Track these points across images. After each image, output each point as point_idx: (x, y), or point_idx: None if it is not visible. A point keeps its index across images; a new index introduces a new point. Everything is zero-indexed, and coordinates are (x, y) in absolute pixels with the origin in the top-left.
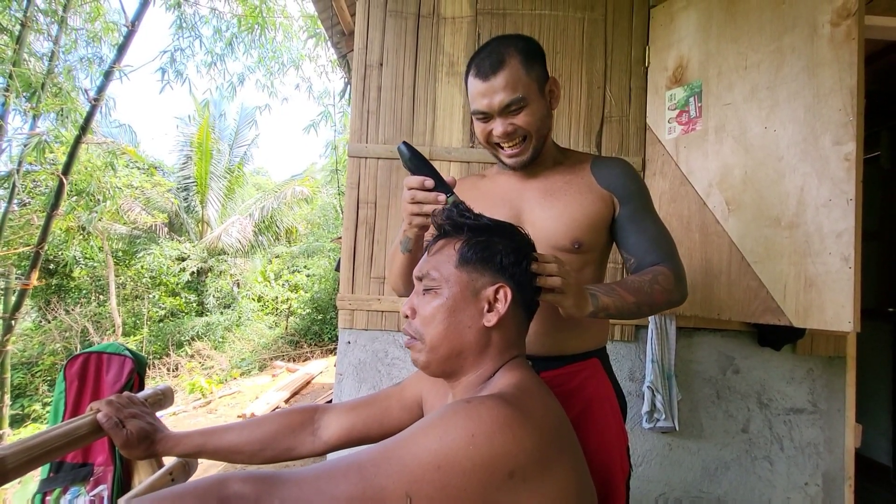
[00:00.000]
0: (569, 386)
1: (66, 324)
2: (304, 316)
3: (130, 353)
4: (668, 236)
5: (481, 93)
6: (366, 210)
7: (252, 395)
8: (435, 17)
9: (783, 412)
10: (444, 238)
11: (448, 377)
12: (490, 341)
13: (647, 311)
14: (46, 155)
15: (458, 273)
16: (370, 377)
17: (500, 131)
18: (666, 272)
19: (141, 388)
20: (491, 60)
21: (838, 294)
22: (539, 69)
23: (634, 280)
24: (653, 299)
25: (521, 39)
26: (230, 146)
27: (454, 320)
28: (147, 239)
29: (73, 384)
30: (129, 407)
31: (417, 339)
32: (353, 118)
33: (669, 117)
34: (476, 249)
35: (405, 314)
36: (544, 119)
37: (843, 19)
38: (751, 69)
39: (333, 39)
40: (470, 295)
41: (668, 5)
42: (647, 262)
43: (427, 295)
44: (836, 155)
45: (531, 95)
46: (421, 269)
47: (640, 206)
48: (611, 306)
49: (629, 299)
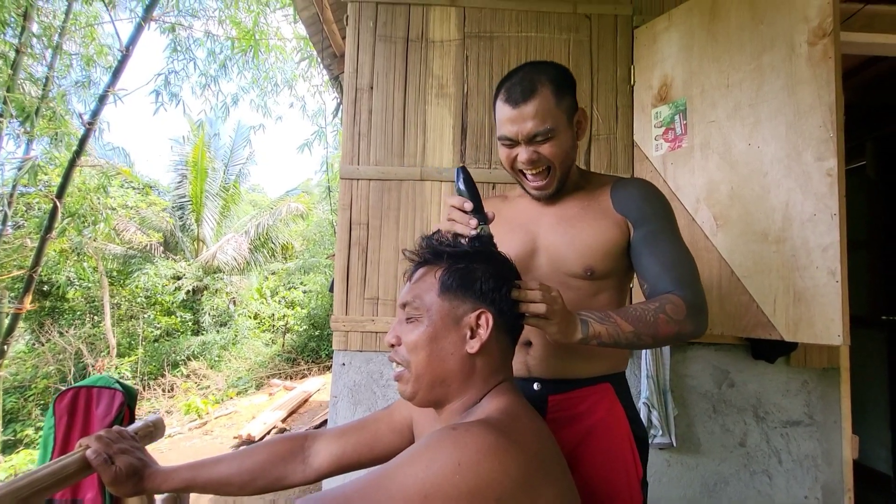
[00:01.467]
0: (575, 410)
1: (60, 346)
2: (300, 333)
3: (120, 386)
4: (688, 261)
5: (510, 119)
6: (358, 231)
7: (248, 414)
8: (423, 41)
9: (780, 425)
10: (426, 265)
11: (434, 406)
12: (474, 368)
13: (650, 342)
14: (40, 177)
15: (440, 301)
16: (365, 399)
17: (525, 158)
18: (676, 301)
19: (131, 420)
20: (522, 87)
21: (827, 308)
22: (569, 100)
23: (638, 308)
24: (656, 330)
25: (553, 68)
26: (225, 164)
27: (437, 348)
28: (142, 258)
29: (62, 419)
30: (118, 442)
31: (405, 366)
32: (344, 141)
33: (656, 134)
34: (456, 276)
35: (390, 343)
36: (570, 151)
37: (820, 39)
38: (733, 87)
39: (325, 61)
40: (451, 322)
41: (650, 26)
42: (661, 289)
43: (410, 324)
44: (819, 170)
45: (559, 126)
46: (403, 297)
47: (655, 228)
48: (604, 334)
49: (626, 328)
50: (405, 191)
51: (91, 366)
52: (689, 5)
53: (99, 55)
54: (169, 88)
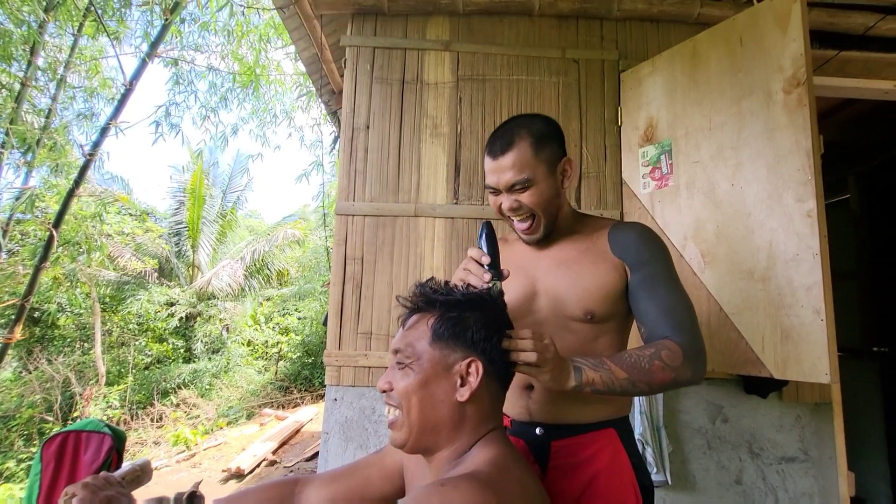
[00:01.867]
0: (578, 457)
1: (48, 374)
2: (294, 360)
3: (110, 430)
4: (686, 306)
5: (491, 170)
6: (353, 266)
7: (238, 446)
8: (419, 84)
9: (775, 461)
10: (419, 313)
11: (425, 453)
12: (465, 416)
13: (645, 389)
14: (37, 204)
15: (431, 350)
16: (357, 436)
17: (507, 206)
18: (673, 347)
19: (119, 464)
20: (501, 141)
21: (814, 346)
22: (550, 151)
23: (633, 354)
24: (651, 377)
25: (537, 121)
26: (223, 191)
27: (427, 395)
28: (136, 285)
29: (49, 465)
30: (105, 489)
31: (400, 408)
32: (340, 178)
33: (643, 173)
34: (448, 325)
35: (382, 389)
36: (552, 198)
37: (795, 87)
38: (715, 130)
39: (324, 97)
40: (442, 370)
41: (635, 71)
42: (658, 334)
43: (401, 370)
44: (799, 212)
45: (538, 176)
46: (395, 344)
47: (652, 272)
48: (598, 381)
49: (620, 375)
50: (399, 227)
51: (79, 394)
52: (672, 52)
53: (102, 88)
54: (169, 119)
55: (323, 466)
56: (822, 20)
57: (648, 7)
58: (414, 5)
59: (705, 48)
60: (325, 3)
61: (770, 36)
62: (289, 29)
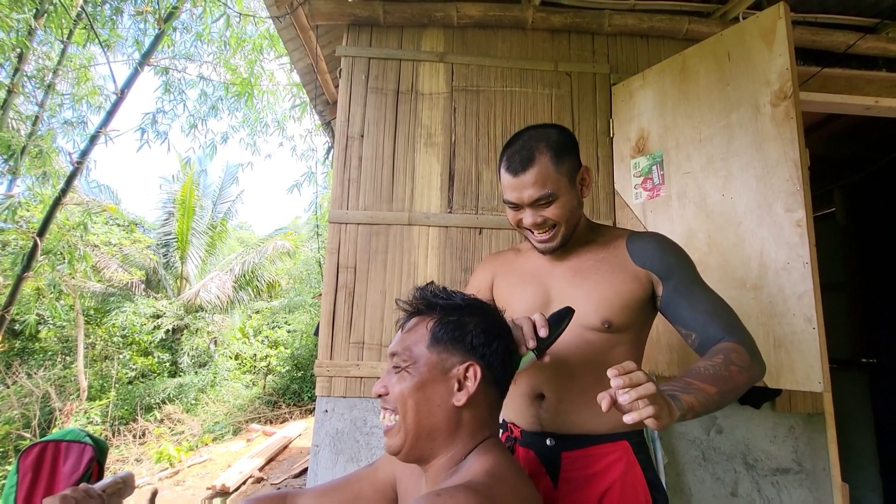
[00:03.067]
0: (590, 470)
1: (27, 388)
2: (283, 374)
3: (91, 440)
4: (726, 305)
5: (511, 187)
6: (345, 275)
7: (224, 462)
8: (413, 94)
9: (770, 473)
10: (418, 316)
11: (420, 462)
12: (461, 421)
13: (731, 398)
14: (21, 213)
15: (429, 353)
16: (348, 448)
17: (530, 222)
18: (737, 347)
19: (100, 476)
20: (521, 157)
21: (806, 355)
22: (570, 162)
23: (707, 366)
24: (735, 383)
25: (554, 132)
26: (213, 203)
27: (423, 398)
28: (122, 296)
29: (26, 476)
30: (85, 501)
31: (396, 412)
32: (334, 186)
33: (635, 183)
34: (447, 329)
35: (378, 393)
36: (574, 209)
37: (782, 101)
38: (705, 142)
39: (318, 108)
40: (439, 374)
41: (626, 84)
42: (710, 335)
43: (398, 374)
44: (789, 221)
45: (561, 190)
46: (393, 347)
47: (685, 278)
48: (696, 404)
49: (710, 391)
50: (393, 235)
51: (58, 410)
52: (662, 67)
53: (91, 95)
54: (156, 127)
55: (313, 480)
56: (806, 38)
57: (638, 23)
58: (409, 17)
59: (694, 62)
60: (322, 14)
61: (757, 51)
62: (284, 39)
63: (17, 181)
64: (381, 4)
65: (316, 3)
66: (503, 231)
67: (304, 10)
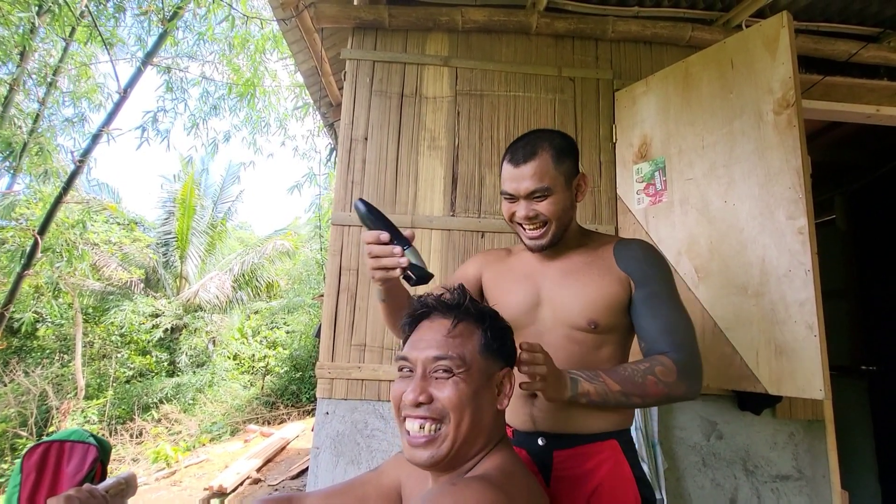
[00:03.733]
0: (581, 469)
1: (24, 387)
2: (281, 375)
3: (95, 440)
4: (685, 324)
5: (511, 177)
6: (348, 277)
7: (221, 463)
8: (417, 97)
9: (769, 479)
10: (462, 322)
11: (451, 467)
12: (497, 423)
13: (638, 402)
14: (21, 211)
15: (480, 359)
16: (348, 450)
17: (523, 214)
18: (667, 363)
19: (103, 476)
20: (525, 151)
21: (807, 362)
22: (569, 165)
23: (628, 368)
24: (645, 390)
25: (557, 136)
26: (214, 202)
27: (478, 405)
28: (121, 295)
29: (29, 476)
30: (88, 502)
31: (444, 422)
32: (337, 188)
33: (638, 189)
34: (497, 336)
35: (419, 401)
36: (567, 209)
37: (784, 109)
38: (708, 149)
39: (321, 109)
40: (486, 380)
41: (630, 90)
42: (656, 350)
43: (446, 380)
44: (791, 228)
45: (557, 187)
46: (437, 350)
47: (656, 289)
48: (592, 392)
49: (614, 387)
50: None
51: (55, 408)
52: (665, 73)
53: (92, 93)
54: (157, 126)
55: (313, 482)
56: (808, 46)
57: (642, 29)
58: (414, 21)
59: (697, 69)
60: (327, 17)
61: (760, 59)
62: (289, 41)
63: (18, 179)
64: (387, 8)
65: (321, 6)
66: (505, 235)
67: (310, 13)
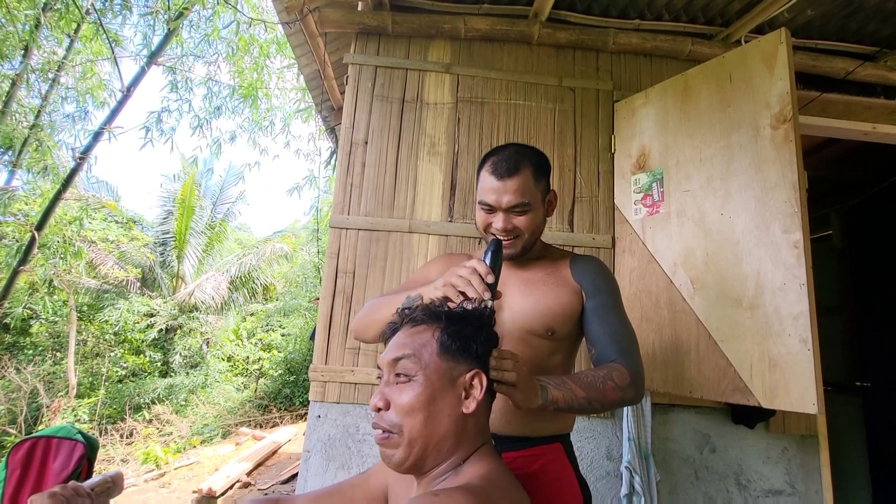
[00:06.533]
0: (529, 469)
1: (15, 384)
2: (275, 378)
3: (82, 437)
4: (631, 334)
5: (493, 189)
6: (344, 279)
7: (211, 465)
8: (418, 103)
9: (762, 494)
10: (419, 324)
11: (421, 471)
12: (466, 428)
13: (598, 407)
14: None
15: (438, 361)
16: (339, 455)
17: (500, 226)
18: (621, 370)
19: (89, 474)
20: (508, 165)
21: (801, 376)
22: (545, 182)
23: (588, 375)
24: (604, 396)
25: (535, 153)
26: (213, 203)
27: (434, 410)
28: (116, 294)
29: (14, 472)
30: (73, 500)
31: (395, 432)
32: (336, 191)
33: (635, 199)
34: (455, 337)
35: (377, 407)
36: (539, 224)
37: (781, 123)
38: (705, 161)
39: (323, 113)
40: (448, 383)
41: (629, 101)
42: (606, 355)
43: (401, 385)
44: (786, 242)
45: (534, 203)
46: (395, 351)
47: (605, 301)
48: (560, 399)
49: (579, 394)
50: (393, 242)
51: (46, 406)
52: (664, 86)
53: (96, 90)
54: (160, 126)
55: (302, 486)
56: (806, 63)
57: (642, 42)
58: (417, 28)
59: (696, 83)
60: (331, 22)
61: (758, 74)
62: (292, 45)
63: (17, 175)
64: (390, 14)
65: (325, 11)
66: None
67: (314, 18)
